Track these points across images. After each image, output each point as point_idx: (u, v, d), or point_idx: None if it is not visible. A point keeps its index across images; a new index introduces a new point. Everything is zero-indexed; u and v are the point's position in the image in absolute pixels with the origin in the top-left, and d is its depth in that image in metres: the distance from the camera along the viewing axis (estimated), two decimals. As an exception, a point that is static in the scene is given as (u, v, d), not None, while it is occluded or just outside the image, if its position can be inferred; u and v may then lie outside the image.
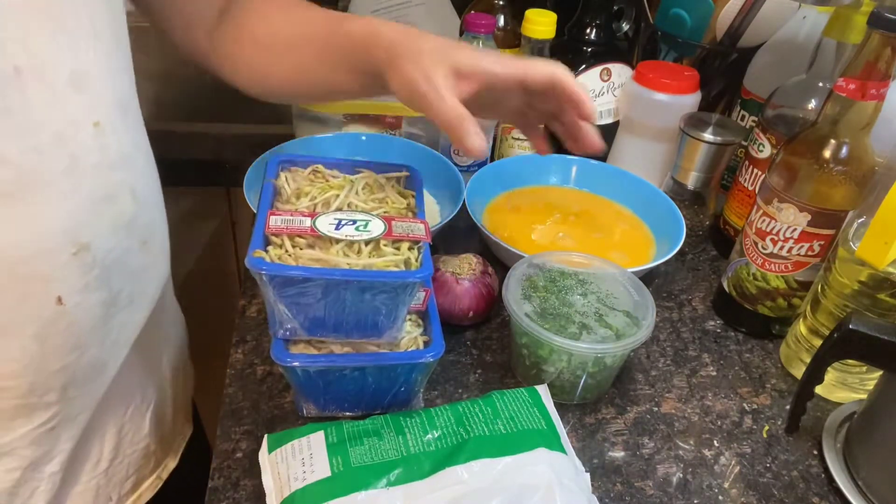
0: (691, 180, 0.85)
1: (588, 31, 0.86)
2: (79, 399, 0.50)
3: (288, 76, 0.58)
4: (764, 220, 0.62)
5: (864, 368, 0.59)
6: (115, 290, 0.48)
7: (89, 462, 0.54)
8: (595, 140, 0.54)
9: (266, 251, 0.47)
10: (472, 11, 0.83)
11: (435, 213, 0.75)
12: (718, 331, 0.69)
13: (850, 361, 0.58)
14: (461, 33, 0.83)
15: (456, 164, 0.78)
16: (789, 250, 0.61)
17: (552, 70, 0.50)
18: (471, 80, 0.48)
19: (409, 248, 0.49)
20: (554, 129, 0.58)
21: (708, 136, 0.81)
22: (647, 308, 0.56)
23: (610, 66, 0.86)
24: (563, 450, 0.49)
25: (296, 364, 0.47)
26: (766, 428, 0.58)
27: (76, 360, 0.47)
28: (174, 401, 0.65)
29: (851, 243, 0.56)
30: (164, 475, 0.64)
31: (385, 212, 0.52)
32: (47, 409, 0.47)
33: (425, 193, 0.68)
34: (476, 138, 0.46)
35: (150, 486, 0.63)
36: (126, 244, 0.48)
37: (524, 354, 0.57)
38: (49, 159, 0.40)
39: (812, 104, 0.68)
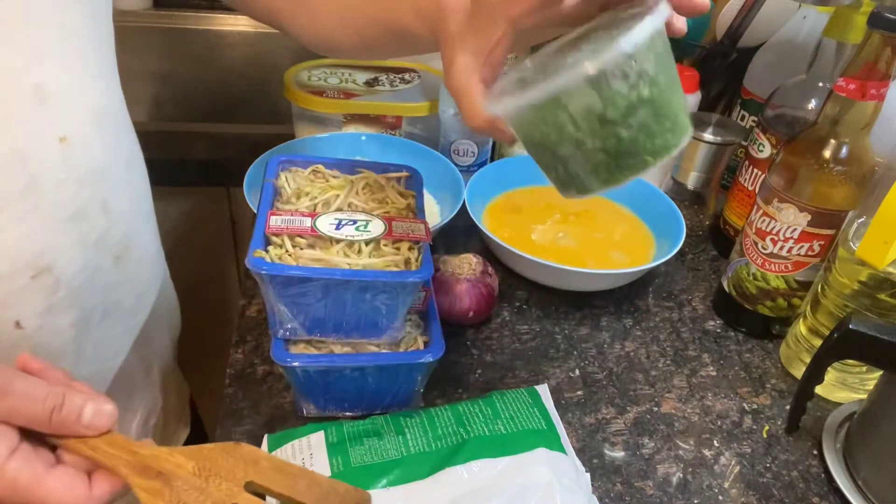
0: (691, 180, 0.85)
1: (588, 31, 0.86)
2: None
3: (350, 44, 0.53)
4: (764, 220, 0.62)
5: (864, 368, 0.59)
6: (88, 309, 0.46)
7: None
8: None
9: (266, 251, 0.47)
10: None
11: (435, 213, 0.75)
12: (718, 331, 0.69)
13: (850, 361, 0.58)
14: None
15: (456, 164, 0.78)
16: (789, 250, 0.61)
17: None
18: (497, 33, 0.40)
19: (409, 248, 0.49)
20: None
21: (708, 136, 0.81)
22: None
23: (610, 66, 0.86)
24: (563, 450, 0.49)
25: (296, 364, 0.47)
26: (766, 428, 0.58)
27: None
28: (165, 408, 0.63)
29: (851, 243, 0.56)
30: None
31: (385, 212, 0.52)
32: None
33: (425, 193, 0.68)
34: (504, 136, 0.41)
35: None
36: (96, 261, 0.46)
37: (539, 150, 0.40)
38: (3, 179, 0.38)
39: (812, 104, 0.68)
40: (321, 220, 0.48)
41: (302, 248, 0.48)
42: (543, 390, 0.55)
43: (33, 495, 0.33)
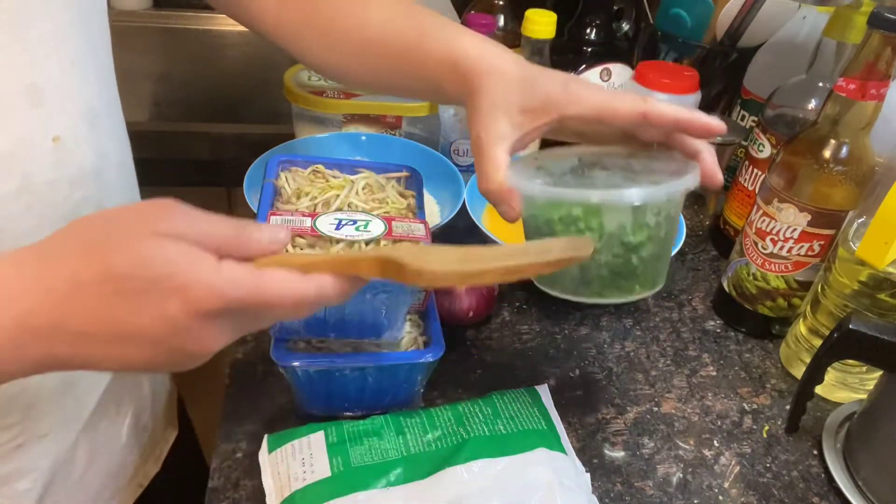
0: (691, 180, 0.85)
1: (588, 30, 0.86)
2: (46, 418, 0.48)
3: (362, 76, 0.55)
4: (764, 220, 0.62)
5: (864, 368, 0.59)
6: None
7: (61, 473, 0.52)
8: (716, 173, 0.45)
9: (266, 251, 0.46)
10: (472, 11, 0.83)
11: (435, 213, 0.75)
12: (718, 331, 0.69)
13: (850, 361, 0.58)
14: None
15: (456, 164, 0.78)
16: (789, 250, 0.61)
17: (637, 108, 0.42)
18: (544, 120, 0.43)
19: (410, 248, 0.49)
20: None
21: (708, 136, 0.81)
22: (688, 164, 0.44)
23: (610, 66, 0.86)
24: (563, 450, 0.49)
25: (296, 364, 0.47)
26: (766, 428, 0.58)
27: (38, 383, 0.45)
28: (154, 411, 0.63)
29: (851, 243, 0.56)
30: (145, 482, 0.63)
31: (385, 212, 0.52)
32: (9, 430, 0.46)
33: (425, 193, 0.68)
34: (511, 213, 0.43)
35: (130, 493, 0.61)
36: None
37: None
38: None
39: (812, 104, 0.68)
40: (321, 220, 0.48)
41: (302, 248, 0.48)
42: (543, 390, 0.55)
43: (254, 285, 0.32)
